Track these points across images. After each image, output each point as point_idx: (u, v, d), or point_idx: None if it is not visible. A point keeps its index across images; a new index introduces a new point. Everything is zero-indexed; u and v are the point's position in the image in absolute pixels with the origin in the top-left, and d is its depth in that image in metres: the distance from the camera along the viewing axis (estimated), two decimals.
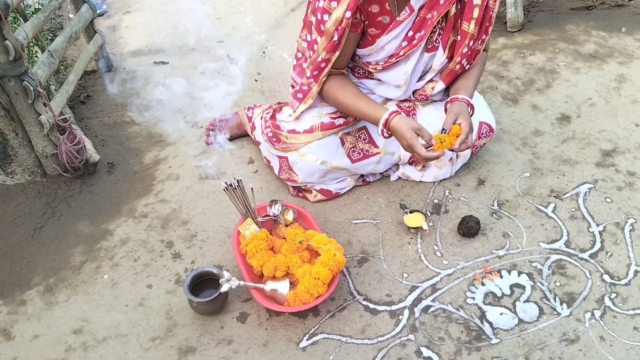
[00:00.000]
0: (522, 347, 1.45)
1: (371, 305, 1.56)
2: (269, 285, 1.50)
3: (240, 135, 2.12)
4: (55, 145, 1.85)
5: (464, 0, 1.62)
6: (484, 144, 1.91)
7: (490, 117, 1.89)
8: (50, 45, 1.99)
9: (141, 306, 1.56)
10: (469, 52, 1.70)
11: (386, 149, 1.84)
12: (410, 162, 1.90)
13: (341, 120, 1.77)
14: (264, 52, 2.73)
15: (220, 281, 1.47)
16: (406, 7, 1.60)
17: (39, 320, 1.53)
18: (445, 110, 1.69)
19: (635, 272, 1.63)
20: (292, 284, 1.52)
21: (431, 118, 1.81)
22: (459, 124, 1.59)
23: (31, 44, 2.13)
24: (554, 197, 1.87)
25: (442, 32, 1.69)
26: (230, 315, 1.53)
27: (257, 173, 1.98)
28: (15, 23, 2.35)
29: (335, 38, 1.57)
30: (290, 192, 1.89)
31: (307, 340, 1.47)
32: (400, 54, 1.68)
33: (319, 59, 1.63)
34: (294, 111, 1.79)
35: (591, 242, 1.72)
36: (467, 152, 1.91)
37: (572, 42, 2.71)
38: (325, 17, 1.56)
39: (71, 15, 2.49)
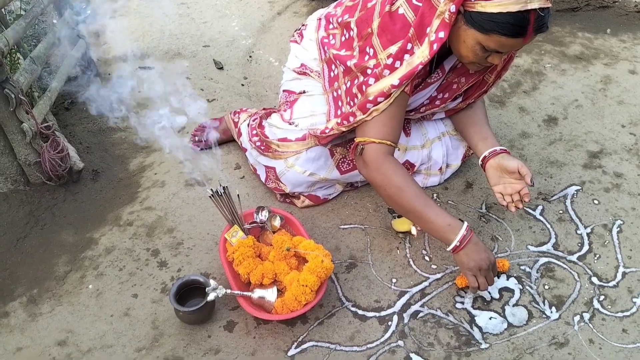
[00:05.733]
0: (512, 352, 1.44)
1: (360, 312, 1.54)
2: (257, 293, 1.48)
3: (226, 140, 2.10)
4: (39, 153, 1.82)
5: None
6: (472, 152, 1.90)
7: None
8: (32, 51, 1.96)
9: (127, 316, 1.54)
10: (480, 95, 1.71)
11: None
12: None
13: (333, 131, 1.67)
14: (250, 57, 2.71)
15: (206, 290, 1.45)
16: (438, 70, 1.58)
17: (22, 332, 1.50)
18: (484, 168, 1.66)
19: (624, 273, 1.63)
20: (280, 292, 1.51)
21: (423, 128, 1.83)
22: (517, 170, 1.56)
23: (13, 50, 2.10)
24: (542, 199, 1.87)
25: (468, 89, 1.69)
26: (217, 324, 1.51)
27: (244, 179, 1.96)
28: None
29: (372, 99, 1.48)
30: (277, 198, 1.87)
31: (296, 348, 1.46)
32: (421, 110, 1.70)
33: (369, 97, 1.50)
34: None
35: (579, 245, 1.72)
36: (458, 162, 1.90)
37: (558, 44, 2.73)
38: (372, 80, 1.48)
39: (55, 21, 2.46)
